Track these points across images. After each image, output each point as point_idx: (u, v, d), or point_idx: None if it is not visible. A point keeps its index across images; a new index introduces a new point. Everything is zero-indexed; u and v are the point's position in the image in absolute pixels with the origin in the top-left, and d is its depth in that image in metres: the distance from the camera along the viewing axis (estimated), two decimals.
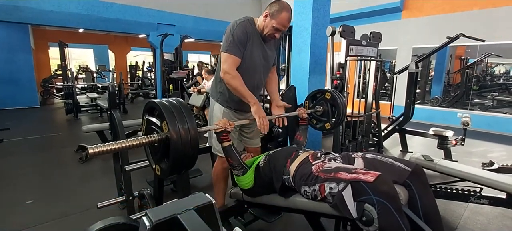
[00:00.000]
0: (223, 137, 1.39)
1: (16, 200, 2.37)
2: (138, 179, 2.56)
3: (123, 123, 2.00)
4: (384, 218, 0.98)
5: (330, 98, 1.80)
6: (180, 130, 1.02)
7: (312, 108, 1.88)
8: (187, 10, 7.52)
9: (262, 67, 1.65)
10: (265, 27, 1.54)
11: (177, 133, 1.01)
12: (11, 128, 4.85)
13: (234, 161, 1.44)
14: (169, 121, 1.02)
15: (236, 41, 1.49)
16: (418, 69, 3.37)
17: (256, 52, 1.58)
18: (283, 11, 1.49)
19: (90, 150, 0.93)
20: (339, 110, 1.77)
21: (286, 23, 1.53)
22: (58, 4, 5.68)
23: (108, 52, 12.28)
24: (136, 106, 8.47)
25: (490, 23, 5.22)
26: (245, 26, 1.51)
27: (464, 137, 3.17)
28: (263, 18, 1.54)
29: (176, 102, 1.11)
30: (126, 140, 1.02)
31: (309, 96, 1.93)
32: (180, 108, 1.07)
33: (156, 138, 1.06)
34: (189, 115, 1.07)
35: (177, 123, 1.02)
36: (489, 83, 6.55)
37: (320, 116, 1.86)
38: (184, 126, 1.03)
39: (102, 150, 0.96)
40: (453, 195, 1.99)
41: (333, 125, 1.82)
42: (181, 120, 1.04)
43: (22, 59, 7.24)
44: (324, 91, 1.84)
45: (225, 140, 1.40)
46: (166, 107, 1.06)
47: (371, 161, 1.28)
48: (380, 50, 3.11)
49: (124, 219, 0.95)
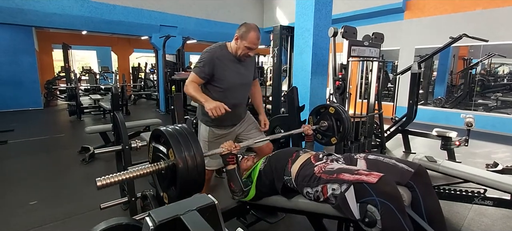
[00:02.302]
0: (229, 159, 1.39)
1: (20, 201, 2.39)
2: (140, 180, 2.57)
3: (126, 124, 2.01)
4: (387, 219, 0.98)
5: (334, 113, 1.80)
6: (186, 156, 1.03)
7: (317, 123, 1.88)
8: (189, 12, 7.55)
9: (240, 86, 1.78)
10: (238, 49, 1.68)
11: (183, 159, 1.02)
12: (15, 129, 4.90)
13: (236, 186, 1.44)
14: (175, 148, 1.03)
15: (201, 63, 1.65)
16: (420, 70, 3.35)
17: (230, 73, 1.71)
18: (251, 31, 1.63)
19: (98, 182, 0.94)
20: (344, 125, 1.77)
21: (256, 41, 1.67)
22: (62, 7, 5.74)
23: (111, 54, 12.36)
24: (138, 107, 8.51)
25: (493, 23, 5.19)
26: (214, 52, 1.67)
27: (467, 137, 3.15)
28: (234, 41, 1.69)
29: (182, 129, 1.12)
30: (133, 170, 1.03)
31: (313, 112, 1.93)
32: (185, 135, 1.08)
33: (163, 165, 1.08)
34: (194, 141, 1.08)
35: (183, 150, 1.03)
36: (493, 83, 6.50)
37: (325, 131, 1.86)
38: (190, 152, 1.04)
39: (110, 181, 0.96)
40: (457, 196, 1.98)
41: (339, 139, 1.83)
42: (187, 146, 1.05)
43: (26, 61, 7.31)
44: (328, 106, 1.85)
45: (230, 163, 1.40)
46: (171, 134, 1.06)
47: (374, 162, 1.28)
48: (382, 51, 3.10)
49: (127, 220, 0.95)
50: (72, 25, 6.18)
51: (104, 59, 12.59)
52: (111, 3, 6.25)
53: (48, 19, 5.76)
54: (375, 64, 2.86)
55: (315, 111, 1.92)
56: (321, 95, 3.07)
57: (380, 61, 2.99)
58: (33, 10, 5.50)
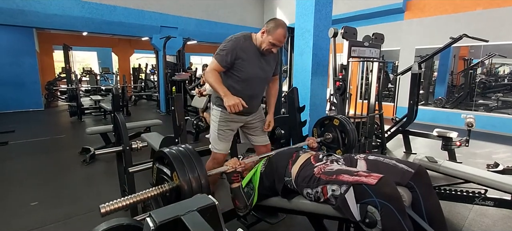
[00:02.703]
0: (234, 178, 1.39)
1: (21, 202, 2.39)
2: (141, 181, 2.58)
3: (126, 125, 2.01)
4: (387, 220, 0.98)
5: (338, 125, 1.80)
6: (190, 178, 1.03)
7: (321, 135, 1.88)
8: (190, 12, 7.56)
9: (259, 79, 1.78)
10: (262, 43, 1.67)
11: (187, 182, 1.02)
12: (16, 130, 4.92)
13: (240, 203, 1.44)
14: (179, 171, 1.03)
15: (224, 51, 1.64)
16: (421, 70, 3.36)
17: (251, 65, 1.70)
18: (279, 28, 1.62)
19: (102, 209, 0.93)
20: (349, 137, 1.77)
21: (282, 38, 1.66)
22: (63, 8, 5.75)
23: (111, 55, 12.39)
24: (139, 108, 8.52)
25: (493, 23, 5.18)
26: (238, 42, 1.66)
27: (468, 138, 3.14)
28: (260, 34, 1.68)
29: (185, 150, 1.12)
30: (138, 194, 1.03)
31: (317, 123, 1.94)
32: (189, 156, 1.08)
33: (167, 187, 1.08)
34: (198, 162, 1.08)
35: (187, 172, 1.03)
36: (494, 84, 6.49)
37: (330, 143, 1.87)
38: (194, 174, 1.04)
39: (115, 207, 0.96)
40: (458, 197, 1.98)
41: (344, 151, 1.83)
42: (191, 168, 1.05)
43: (27, 62, 7.32)
44: (332, 118, 1.85)
45: (235, 181, 1.41)
46: (175, 157, 1.06)
47: (374, 163, 1.28)
48: (382, 51, 3.10)
49: (128, 220, 0.95)
50: (72, 26, 6.18)
51: (105, 60, 12.62)
52: (111, 4, 6.26)
53: (49, 20, 5.77)
54: (375, 64, 2.86)
55: (319, 123, 1.93)
56: (321, 96, 3.07)
57: (380, 62, 2.99)
58: (34, 11, 5.51)
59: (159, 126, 3.96)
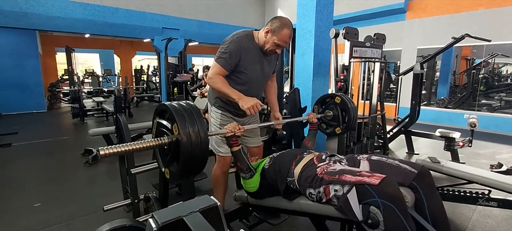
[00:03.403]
0: (233, 142, 1.39)
1: (24, 203, 2.40)
2: (143, 182, 2.58)
3: (128, 127, 2.02)
4: (389, 220, 0.97)
5: (340, 103, 1.78)
6: (190, 132, 1.00)
7: (322, 113, 1.87)
8: (191, 14, 7.59)
9: (260, 80, 1.71)
10: (266, 43, 1.57)
11: (187, 135, 1.00)
12: (19, 132, 4.95)
13: (243, 165, 1.44)
14: (179, 123, 1.01)
15: (227, 55, 1.53)
16: (423, 70, 3.34)
17: (253, 66, 1.62)
18: (285, 28, 1.52)
19: (101, 151, 0.94)
20: (349, 115, 1.75)
21: (287, 39, 1.56)
22: (65, 10, 5.79)
23: (113, 56, 12.44)
24: (141, 110, 8.54)
25: (496, 23, 5.16)
26: (241, 42, 1.55)
27: (471, 138, 3.12)
28: (264, 33, 1.57)
29: (187, 105, 1.10)
30: (136, 142, 1.02)
31: (318, 101, 1.92)
32: (190, 111, 1.06)
33: (166, 140, 1.06)
34: (199, 118, 1.06)
35: (187, 126, 1.01)
36: (497, 83, 6.46)
37: (330, 120, 1.85)
38: (195, 128, 1.02)
39: (113, 151, 0.96)
40: (461, 198, 1.96)
41: (343, 129, 1.80)
42: (192, 122, 1.02)
43: (30, 65, 7.38)
44: (334, 95, 1.83)
45: (234, 145, 1.40)
46: (177, 110, 1.05)
47: (377, 163, 1.27)
48: (384, 51, 3.09)
49: (131, 222, 0.96)
50: (75, 28, 6.23)
51: (107, 62, 12.66)
52: (113, 6, 6.30)
53: (51, 23, 5.82)
54: (377, 65, 2.85)
55: (321, 101, 1.90)
56: None
57: (382, 62, 2.98)
58: (36, 14, 5.55)
59: None
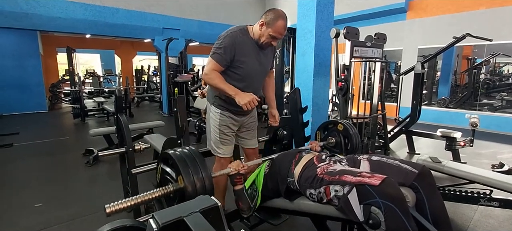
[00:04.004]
0: (237, 180, 1.39)
1: (25, 203, 2.41)
2: (144, 182, 2.58)
3: (129, 127, 2.02)
4: (391, 221, 0.97)
5: (342, 130, 1.79)
6: (194, 180, 1.04)
7: (324, 139, 1.87)
8: (192, 14, 7.59)
9: (258, 74, 1.70)
10: (261, 36, 1.57)
11: (191, 183, 1.03)
12: (20, 132, 4.96)
13: (244, 205, 1.44)
14: (183, 172, 1.04)
15: (221, 50, 1.52)
16: (424, 70, 3.33)
17: (250, 60, 1.61)
18: (279, 19, 1.51)
19: (107, 209, 0.94)
20: (352, 141, 1.76)
21: (282, 31, 1.55)
22: (66, 11, 5.80)
23: (114, 57, 12.46)
24: (142, 110, 8.56)
25: (497, 22, 5.14)
26: (235, 37, 1.54)
27: (472, 138, 3.11)
28: (258, 27, 1.57)
29: (190, 151, 1.13)
30: (143, 195, 1.04)
31: (320, 127, 1.93)
32: (193, 158, 1.09)
33: (171, 189, 1.08)
34: (203, 164, 1.09)
35: (191, 174, 1.04)
36: (498, 83, 6.44)
37: (332, 147, 1.85)
38: (199, 175, 1.05)
39: (120, 207, 0.97)
40: (462, 198, 1.96)
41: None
42: (195, 170, 1.06)
43: (31, 65, 7.40)
44: (336, 122, 1.84)
45: (238, 183, 1.41)
46: (180, 158, 1.07)
47: (378, 163, 1.27)
48: (385, 51, 3.09)
49: (131, 222, 0.95)
50: (76, 29, 6.23)
51: (108, 62, 12.69)
52: (114, 7, 6.31)
53: (52, 23, 5.83)
54: (377, 65, 2.85)
55: (323, 127, 1.92)
56: (323, 97, 3.06)
57: (383, 62, 2.98)
58: (37, 14, 5.56)
59: (162, 127, 3.97)
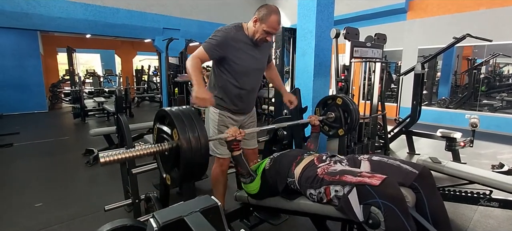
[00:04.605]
0: (234, 146, 1.39)
1: (25, 203, 2.41)
2: (144, 183, 2.59)
3: (129, 127, 2.02)
4: (390, 221, 0.97)
5: (341, 104, 1.78)
6: (190, 138, 1.00)
7: (324, 114, 1.86)
8: (192, 14, 7.60)
9: (255, 71, 1.71)
10: (255, 32, 1.58)
11: (187, 140, 0.99)
12: (20, 132, 4.96)
13: (243, 169, 1.44)
14: (179, 129, 1.00)
15: (213, 43, 1.53)
16: (424, 70, 3.34)
17: (245, 56, 1.62)
18: (272, 14, 1.52)
19: (101, 159, 0.93)
20: (351, 116, 1.75)
21: (276, 25, 1.55)
22: (66, 11, 5.80)
23: (114, 57, 12.48)
24: (142, 110, 8.56)
25: (497, 22, 5.14)
26: (229, 33, 1.55)
27: (472, 138, 3.12)
28: (252, 23, 1.58)
29: (187, 110, 1.09)
30: (136, 149, 1.01)
31: (320, 103, 1.91)
32: (190, 116, 1.06)
33: (166, 146, 1.05)
34: (199, 123, 1.05)
35: (187, 131, 1.00)
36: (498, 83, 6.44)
37: (332, 122, 1.84)
38: (195, 133, 1.01)
39: (113, 159, 0.96)
40: (462, 198, 1.96)
41: (346, 131, 1.79)
42: (192, 128, 1.02)
43: (31, 65, 7.41)
44: (335, 97, 1.82)
45: (235, 149, 1.40)
46: (176, 115, 1.04)
47: (378, 163, 1.27)
48: (385, 51, 3.09)
49: (132, 221, 0.96)
50: (76, 29, 6.24)
51: (108, 62, 12.70)
52: (114, 7, 6.32)
53: (52, 23, 5.83)
54: (378, 65, 2.85)
55: (322, 103, 1.89)
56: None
57: (383, 62, 2.98)
58: (38, 14, 5.57)
59: None
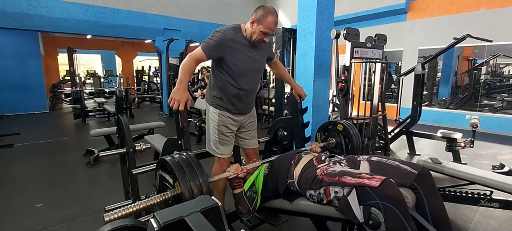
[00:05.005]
0: (236, 184, 1.39)
1: (26, 203, 2.41)
2: (144, 183, 2.59)
3: (130, 127, 2.02)
4: (390, 222, 0.98)
5: (342, 130, 1.79)
6: (191, 186, 1.05)
7: (324, 140, 1.87)
8: (192, 15, 7.61)
9: (254, 71, 1.72)
10: (253, 33, 1.59)
11: (189, 189, 1.04)
12: (21, 132, 4.96)
13: (243, 208, 1.44)
14: (180, 179, 1.05)
15: (211, 43, 1.55)
16: (424, 70, 3.33)
17: (243, 57, 1.63)
18: (269, 15, 1.54)
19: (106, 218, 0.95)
20: (352, 142, 1.76)
21: (273, 26, 1.57)
22: (67, 12, 5.82)
23: (115, 57, 12.49)
24: (142, 110, 8.56)
25: (497, 23, 5.14)
26: (226, 34, 1.57)
27: (473, 139, 3.11)
28: (250, 24, 1.60)
29: (187, 157, 1.13)
30: (142, 202, 1.05)
31: (320, 128, 1.93)
32: (191, 164, 1.10)
33: (169, 195, 1.09)
34: (200, 170, 1.10)
35: (188, 180, 1.05)
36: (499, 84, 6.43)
37: (333, 148, 1.85)
38: (196, 181, 1.06)
39: (121, 214, 0.99)
40: (463, 198, 1.96)
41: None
42: (192, 176, 1.06)
43: (32, 66, 7.42)
44: (336, 123, 1.84)
45: (237, 187, 1.40)
46: (176, 164, 1.09)
47: (377, 164, 1.27)
48: (385, 52, 3.09)
49: (132, 222, 0.96)
50: (77, 30, 6.26)
51: (109, 62, 12.72)
52: (115, 7, 6.33)
53: (53, 24, 5.85)
54: (378, 65, 2.85)
55: (323, 128, 1.92)
56: (324, 98, 3.06)
57: (383, 63, 2.98)
58: (38, 15, 5.58)
59: (162, 128, 3.98)
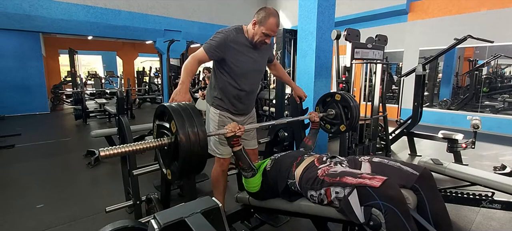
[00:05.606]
0: (234, 142, 1.38)
1: (26, 204, 2.42)
2: (145, 184, 2.59)
3: (130, 128, 2.03)
4: (391, 223, 0.97)
5: (340, 100, 1.78)
6: (189, 132, 1.00)
7: (324, 112, 1.86)
8: (193, 16, 7.64)
9: (255, 72, 1.74)
10: (254, 35, 1.60)
11: (186, 134, 1.00)
12: (22, 133, 4.98)
13: (244, 164, 1.43)
14: (177, 123, 1.01)
15: (213, 44, 1.56)
16: (425, 71, 3.33)
17: (244, 59, 1.64)
18: (271, 17, 1.55)
19: (101, 153, 0.94)
20: (352, 112, 1.74)
21: (275, 28, 1.58)
22: (68, 13, 5.84)
23: (116, 58, 12.54)
24: (143, 111, 8.57)
25: (498, 23, 5.14)
26: (228, 35, 1.58)
27: (474, 140, 3.11)
28: (251, 26, 1.61)
29: (185, 105, 1.10)
30: (137, 143, 1.02)
31: (319, 101, 1.91)
32: (189, 111, 1.07)
33: (166, 140, 1.06)
34: (198, 118, 1.06)
35: (186, 125, 1.01)
36: (500, 84, 6.42)
37: (333, 119, 1.84)
38: (193, 128, 1.02)
39: (113, 152, 0.96)
40: (464, 200, 1.95)
41: (348, 126, 1.78)
42: (190, 122, 1.03)
43: (33, 67, 7.44)
44: (334, 93, 1.82)
45: (235, 145, 1.40)
46: (175, 110, 1.05)
47: (379, 165, 1.27)
48: (386, 53, 3.09)
49: (133, 222, 0.96)
50: (78, 31, 6.29)
51: (110, 63, 12.77)
52: (116, 9, 6.35)
53: (55, 25, 5.88)
54: (379, 66, 2.85)
55: (322, 101, 1.88)
56: None
57: (384, 64, 2.98)
58: (40, 16, 5.60)
59: None
